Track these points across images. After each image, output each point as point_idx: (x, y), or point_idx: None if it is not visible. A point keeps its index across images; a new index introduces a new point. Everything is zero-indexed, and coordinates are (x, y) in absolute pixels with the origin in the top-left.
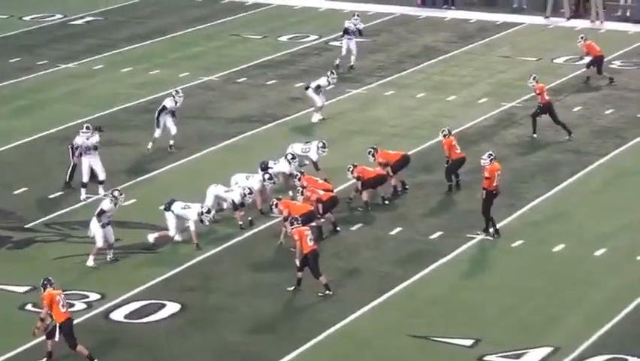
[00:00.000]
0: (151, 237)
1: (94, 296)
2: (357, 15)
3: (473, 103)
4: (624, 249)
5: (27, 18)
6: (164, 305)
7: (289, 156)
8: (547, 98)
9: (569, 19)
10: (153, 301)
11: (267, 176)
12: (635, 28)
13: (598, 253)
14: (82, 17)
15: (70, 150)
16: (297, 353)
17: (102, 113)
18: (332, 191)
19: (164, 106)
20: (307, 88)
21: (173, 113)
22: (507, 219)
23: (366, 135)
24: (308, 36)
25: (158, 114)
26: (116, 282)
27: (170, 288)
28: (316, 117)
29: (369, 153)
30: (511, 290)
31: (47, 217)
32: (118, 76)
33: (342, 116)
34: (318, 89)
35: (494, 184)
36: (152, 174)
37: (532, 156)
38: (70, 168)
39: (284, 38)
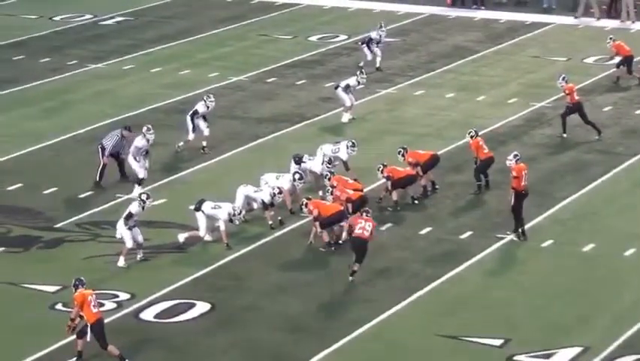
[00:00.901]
0: (181, 237)
1: (124, 296)
2: (383, 27)
3: (503, 103)
4: None
5: (57, 18)
6: (194, 305)
7: (326, 159)
8: (577, 98)
9: (598, 19)
10: (183, 301)
11: (297, 176)
12: None
13: (627, 253)
14: (112, 17)
15: (100, 150)
16: (327, 353)
17: (131, 114)
18: (362, 191)
19: (196, 110)
20: (337, 87)
21: (204, 117)
22: (536, 218)
23: (395, 135)
24: (338, 36)
25: (191, 117)
26: (146, 282)
27: (199, 287)
28: (346, 117)
29: (398, 153)
30: (541, 290)
31: (77, 217)
32: (147, 76)
33: (372, 116)
34: (347, 88)
35: (523, 184)
36: (182, 173)
37: (561, 156)
38: (100, 168)
39: (313, 38)
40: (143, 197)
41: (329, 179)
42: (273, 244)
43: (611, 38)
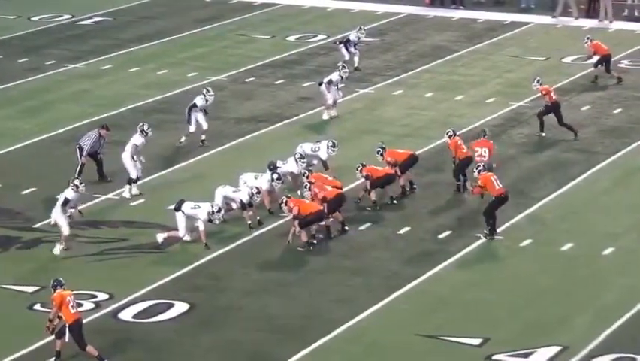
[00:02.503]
0: (160, 237)
1: (102, 296)
2: (363, 30)
3: (481, 103)
4: (632, 248)
5: (35, 18)
6: (172, 305)
7: (297, 156)
8: (554, 97)
9: (577, 18)
10: (162, 301)
11: (275, 176)
12: None
13: (606, 252)
14: (90, 17)
15: (78, 150)
16: (306, 353)
17: (110, 114)
18: (340, 189)
19: (194, 103)
20: (320, 84)
21: (205, 111)
22: (515, 218)
23: (374, 135)
24: (316, 36)
25: (189, 111)
26: (125, 282)
27: (178, 288)
28: (326, 114)
29: (377, 152)
30: (520, 289)
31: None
32: (125, 76)
33: (351, 116)
34: (330, 84)
35: (497, 188)
36: (160, 173)
37: (540, 155)
38: (79, 168)
39: (292, 38)
40: (77, 182)
41: (307, 176)
42: (251, 244)
43: (588, 38)
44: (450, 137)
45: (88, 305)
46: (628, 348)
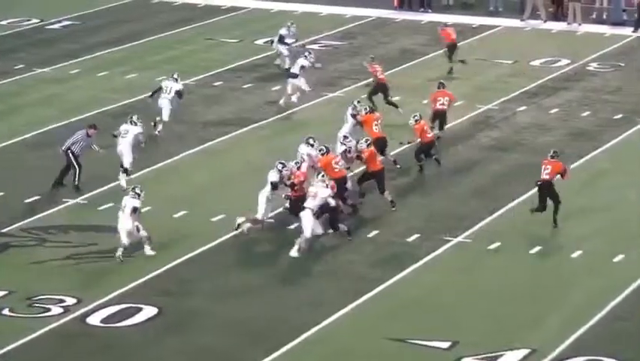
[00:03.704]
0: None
1: (70, 301)
2: (292, 23)
3: (450, 106)
4: (601, 251)
5: (3, 22)
6: (140, 309)
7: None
8: (382, 77)
9: (545, 21)
10: (130, 305)
11: (279, 166)
12: (612, 30)
13: (575, 255)
14: (58, 21)
15: (70, 154)
16: (274, 357)
17: (78, 118)
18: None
19: (177, 91)
20: (296, 76)
21: (179, 95)
22: (484, 221)
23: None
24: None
25: (153, 94)
26: (93, 286)
27: (146, 292)
28: (295, 97)
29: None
30: (489, 292)
31: (24, 222)
32: (94, 80)
33: (320, 120)
34: (302, 69)
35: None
36: (129, 178)
37: (509, 158)
38: (77, 173)
39: (260, 42)
40: (137, 190)
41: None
42: (219, 247)
43: (445, 25)
44: (416, 121)
45: (56, 310)
46: (597, 350)
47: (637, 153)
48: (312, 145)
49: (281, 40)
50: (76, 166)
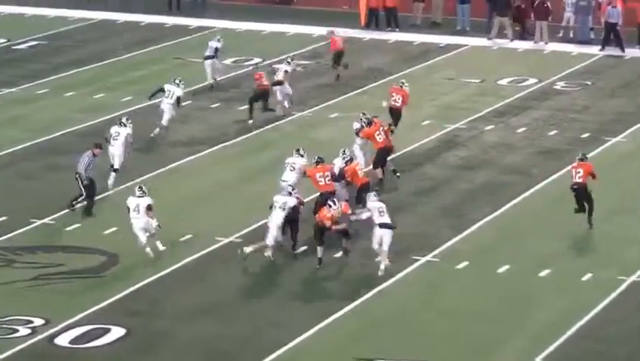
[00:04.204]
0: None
1: (38, 321)
2: (220, 38)
3: (417, 125)
4: (568, 269)
5: None
6: (109, 330)
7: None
8: (265, 84)
9: (512, 40)
10: (98, 326)
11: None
12: (579, 49)
13: (543, 273)
14: (25, 42)
15: (78, 179)
16: None
17: (46, 138)
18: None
19: (177, 97)
20: (280, 83)
21: (178, 101)
22: (452, 240)
23: (310, 158)
24: (252, 59)
25: (152, 95)
26: (61, 307)
27: (115, 312)
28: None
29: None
30: (457, 312)
31: None
32: (61, 100)
33: (287, 140)
34: (287, 74)
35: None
36: (96, 198)
37: (476, 177)
38: (85, 200)
39: (228, 61)
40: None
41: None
42: (189, 267)
43: (331, 32)
44: (347, 162)
45: (24, 331)
46: None
47: (604, 172)
48: (302, 155)
49: (216, 52)
50: (82, 190)
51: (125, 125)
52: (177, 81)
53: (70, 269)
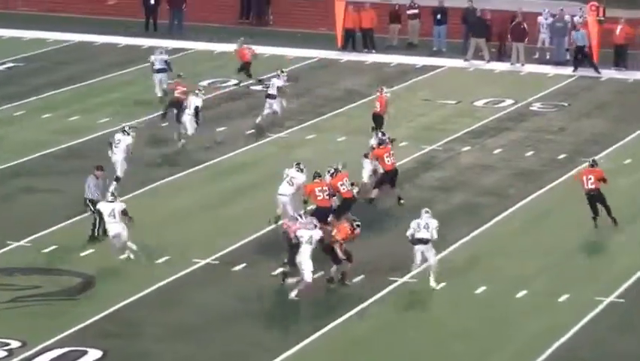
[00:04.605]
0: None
1: (15, 344)
2: (164, 52)
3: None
4: (545, 291)
5: None
6: (86, 352)
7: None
8: (179, 95)
9: (488, 61)
10: (75, 349)
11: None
12: (555, 70)
13: (520, 295)
14: (2, 63)
15: (89, 203)
16: None
17: (23, 160)
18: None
19: (196, 107)
20: (273, 97)
21: (197, 110)
22: (429, 261)
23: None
24: (228, 80)
25: (177, 114)
26: (38, 329)
27: (92, 334)
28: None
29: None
30: (433, 333)
31: None
32: (38, 122)
33: (264, 161)
34: (280, 90)
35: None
36: (72, 220)
37: (453, 198)
38: (97, 224)
39: (204, 83)
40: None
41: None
42: (166, 288)
43: (241, 40)
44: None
45: (1, 353)
46: None
47: (580, 193)
48: (302, 171)
49: (168, 65)
50: (96, 215)
51: (127, 134)
52: (196, 91)
53: (47, 291)
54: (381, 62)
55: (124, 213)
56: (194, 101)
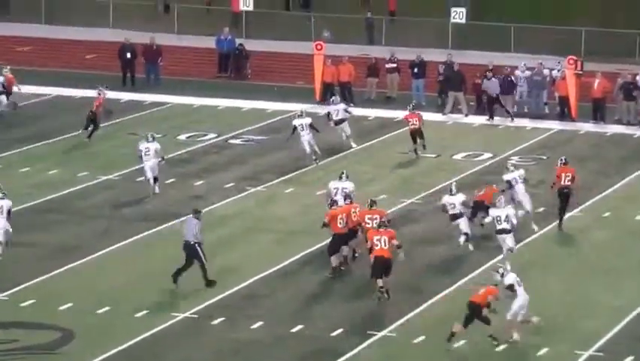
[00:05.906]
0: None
1: None
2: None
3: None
4: (524, 344)
5: None
6: None
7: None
8: (96, 110)
9: (467, 115)
10: None
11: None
12: (533, 124)
13: (499, 348)
14: None
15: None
16: None
17: None
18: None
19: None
20: (343, 120)
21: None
22: (409, 314)
23: (266, 233)
24: (207, 134)
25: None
26: None
27: None
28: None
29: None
30: None
31: None
32: (16, 176)
33: (242, 215)
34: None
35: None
36: (51, 274)
37: (433, 250)
38: None
39: (182, 137)
40: None
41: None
42: (144, 343)
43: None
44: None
45: None
46: None
47: (560, 245)
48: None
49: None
50: (203, 257)
51: (153, 140)
52: (299, 113)
53: (24, 345)
54: (359, 115)
55: (9, 213)
56: (305, 122)
